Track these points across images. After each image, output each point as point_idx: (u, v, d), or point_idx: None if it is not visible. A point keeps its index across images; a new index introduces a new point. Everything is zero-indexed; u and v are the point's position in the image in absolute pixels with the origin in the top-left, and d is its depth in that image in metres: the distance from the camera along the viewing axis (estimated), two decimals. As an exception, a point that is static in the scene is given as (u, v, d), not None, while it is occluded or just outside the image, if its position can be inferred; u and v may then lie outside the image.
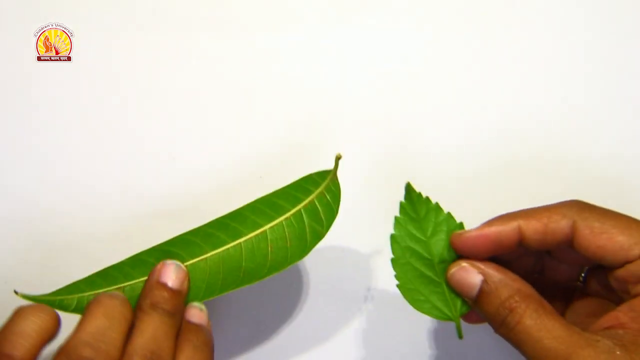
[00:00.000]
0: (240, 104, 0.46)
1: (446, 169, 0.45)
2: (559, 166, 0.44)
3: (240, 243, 0.34)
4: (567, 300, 0.35)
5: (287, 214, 0.34)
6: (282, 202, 0.35)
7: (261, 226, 0.34)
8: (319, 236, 0.34)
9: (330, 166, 0.35)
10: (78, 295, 0.33)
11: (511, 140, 0.45)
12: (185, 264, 0.33)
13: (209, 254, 0.34)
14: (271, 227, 0.34)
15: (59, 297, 0.33)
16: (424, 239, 0.34)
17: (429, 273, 0.33)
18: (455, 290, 0.33)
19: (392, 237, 0.34)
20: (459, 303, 0.33)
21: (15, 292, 0.32)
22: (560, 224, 0.30)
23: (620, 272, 0.29)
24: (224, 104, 0.46)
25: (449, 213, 0.34)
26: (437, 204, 0.34)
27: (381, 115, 0.46)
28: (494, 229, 0.31)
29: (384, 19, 0.47)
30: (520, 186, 0.44)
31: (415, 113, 0.46)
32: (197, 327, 0.33)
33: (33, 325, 0.30)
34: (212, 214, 0.44)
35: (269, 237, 0.34)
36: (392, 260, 0.34)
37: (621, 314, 0.29)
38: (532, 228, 0.31)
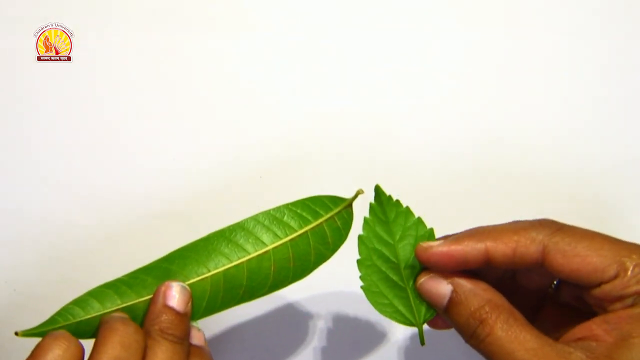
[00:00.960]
0: (240, 104, 0.46)
1: (440, 170, 0.45)
2: (536, 176, 0.45)
3: (243, 263, 0.33)
4: (538, 306, 0.34)
5: (293, 235, 0.33)
6: (288, 220, 0.33)
7: (265, 245, 0.33)
8: (323, 258, 0.34)
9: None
10: (76, 321, 0.32)
11: (499, 148, 0.45)
12: (187, 283, 0.33)
13: (210, 273, 0.33)
14: (276, 247, 0.33)
15: (58, 326, 0.31)
16: (392, 242, 0.33)
17: (395, 277, 0.33)
18: (425, 299, 0.32)
19: (360, 237, 0.33)
20: (423, 309, 0.32)
21: (16, 333, 0.32)
22: (530, 249, 0.30)
23: (596, 292, 0.29)
24: (224, 103, 0.46)
25: (419, 218, 0.33)
26: (407, 207, 0.33)
27: (381, 115, 0.46)
28: (460, 249, 0.30)
29: (384, 19, 0.47)
30: (502, 195, 0.45)
31: (414, 114, 0.46)
32: (200, 349, 0.33)
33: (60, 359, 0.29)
34: (212, 214, 0.44)
35: (272, 258, 0.33)
36: (358, 262, 0.33)
37: (595, 326, 0.29)
38: (500, 252, 0.30)
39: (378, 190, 0.33)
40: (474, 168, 0.45)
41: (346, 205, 0.34)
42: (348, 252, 0.34)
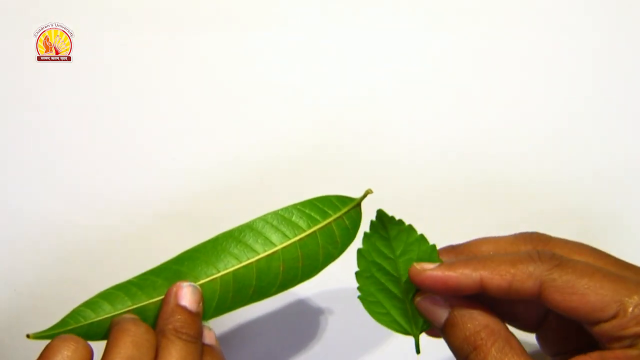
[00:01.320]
0: (240, 104, 0.46)
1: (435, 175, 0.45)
2: (536, 177, 0.45)
3: (252, 263, 0.33)
4: (546, 311, 0.34)
5: (302, 235, 0.33)
6: (297, 220, 0.34)
7: (274, 245, 0.33)
8: (332, 257, 0.34)
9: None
10: (87, 323, 0.32)
11: (500, 148, 0.46)
12: (197, 284, 0.33)
13: (220, 274, 0.33)
14: (285, 247, 0.33)
15: (69, 328, 0.32)
16: (393, 257, 0.33)
17: (394, 290, 0.33)
18: (422, 316, 0.32)
19: (359, 251, 0.33)
20: (421, 320, 0.32)
21: (28, 336, 0.32)
22: (526, 284, 0.29)
23: (594, 330, 0.28)
24: (225, 104, 0.46)
25: (422, 235, 0.33)
26: (410, 225, 0.33)
27: (381, 115, 0.46)
28: (454, 277, 0.30)
29: (384, 19, 0.47)
30: (503, 196, 0.45)
31: (414, 113, 0.46)
32: (212, 348, 0.33)
33: None
34: (213, 214, 0.44)
35: (281, 257, 0.33)
36: (357, 274, 0.33)
37: None
38: (495, 283, 0.30)
39: (380, 213, 0.33)
40: (475, 168, 0.45)
41: (355, 205, 0.34)
42: (355, 252, 0.34)
